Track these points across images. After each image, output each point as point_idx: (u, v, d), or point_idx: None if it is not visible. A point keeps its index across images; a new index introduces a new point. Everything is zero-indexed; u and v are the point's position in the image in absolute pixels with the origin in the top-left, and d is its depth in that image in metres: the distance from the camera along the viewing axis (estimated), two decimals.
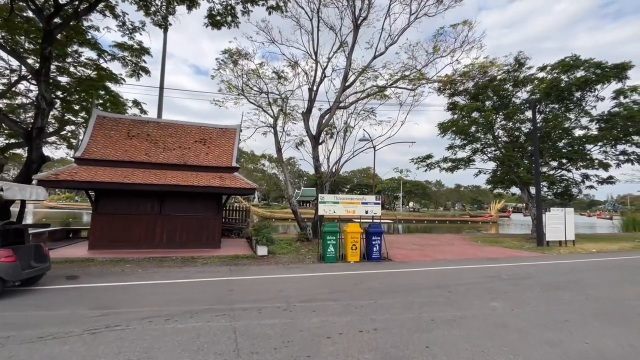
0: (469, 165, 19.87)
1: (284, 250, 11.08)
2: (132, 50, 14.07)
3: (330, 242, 9.47)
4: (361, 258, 9.74)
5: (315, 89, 14.08)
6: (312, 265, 8.78)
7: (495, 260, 10.28)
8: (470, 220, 44.38)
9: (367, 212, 10.29)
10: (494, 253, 11.79)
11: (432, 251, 11.85)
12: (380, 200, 10.44)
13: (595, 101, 16.65)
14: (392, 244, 13.17)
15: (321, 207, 10.01)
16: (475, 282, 7.06)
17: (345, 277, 7.38)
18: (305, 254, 10.52)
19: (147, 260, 8.93)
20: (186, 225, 10.46)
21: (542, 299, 5.78)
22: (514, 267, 9.04)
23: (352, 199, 10.28)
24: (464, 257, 10.74)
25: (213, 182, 9.85)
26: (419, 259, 10.18)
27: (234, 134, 11.90)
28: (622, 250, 13.53)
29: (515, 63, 18.68)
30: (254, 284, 6.56)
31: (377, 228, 9.84)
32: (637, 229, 27.65)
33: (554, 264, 9.71)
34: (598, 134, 16.07)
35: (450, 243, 14.71)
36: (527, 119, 18.90)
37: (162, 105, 15.18)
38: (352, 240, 9.57)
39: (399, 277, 7.46)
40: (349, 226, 9.73)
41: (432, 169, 20.70)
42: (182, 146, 10.95)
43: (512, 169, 18.27)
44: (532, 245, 14.07)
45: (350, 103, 14.22)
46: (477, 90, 19.05)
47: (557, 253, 12.26)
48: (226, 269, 7.92)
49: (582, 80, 15.31)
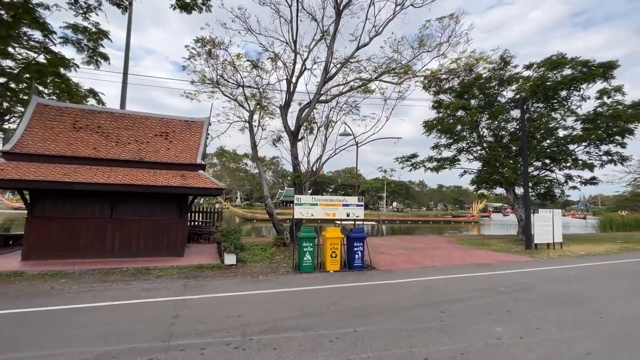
0: (455, 165, 19.23)
1: (257, 257, 9.88)
2: (89, 34, 12.46)
3: (307, 249, 8.35)
4: (342, 267, 8.67)
5: (295, 81, 12.95)
6: (285, 277, 7.62)
7: (486, 267, 9.44)
8: (453, 221, 44.36)
9: (348, 215, 9.24)
10: (483, 258, 11.00)
11: (418, 256, 10.93)
12: (363, 201, 9.41)
13: (580, 100, 16.32)
14: (376, 248, 12.21)
15: (297, 209, 8.88)
16: (470, 296, 6.11)
17: (321, 294, 6.26)
18: (279, 262, 9.35)
19: (91, 273, 7.52)
20: (143, 230, 9.08)
21: (552, 320, 4.86)
22: (508, 276, 8.20)
23: (331, 201, 9.20)
24: (452, 262, 9.86)
25: (173, 181, 8.52)
26: (405, 266, 9.20)
27: (200, 128, 10.57)
28: (610, 252, 13.09)
29: (501, 61, 18.18)
30: (208, 305, 5.33)
31: (360, 233, 8.80)
32: (614, 228, 28.05)
33: (549, 271, 8.95)
34: (583, 134, 15.69)
35: (437, 246, 13.89)
36: (513, 118, 18.46)
37: (126, 95, 13.62)
38: (331, 246, 8.48)
39: (383, 292, 6.41)
40: (327, 231, 8.65)
41: (417, 169, 19.96)
42: (139, 140, 9.54)
43: (497, 169, 17.73)
44: (519, 247, 13.45)
45: (332, 97, 13.15)
46: (462, 88, 18.44)
47: (547, 257, 11.62)
48: (181, 284, 6.64)
49: (570, 78, 14.88)
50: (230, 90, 13.54)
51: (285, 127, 12.49)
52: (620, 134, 15.65)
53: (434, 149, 19.86)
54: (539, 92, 15.36)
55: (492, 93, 18.23)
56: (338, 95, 13.16)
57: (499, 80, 17.89)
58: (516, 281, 7.54)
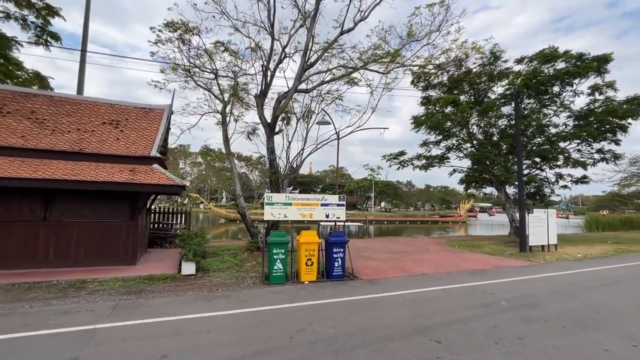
0: (444, 163, 18.30)
1: (224, 265, 8.52)
2: (36, 10, 10.83)
3: (278, 256, 7.05)
4: (319, 276, 7.43)
5: (273, 68, 11.62)
6: (248, 291, 6.30)
7: (481, 274, 8.36)
8: (440, 221, 43.80)
9: (327, 216, 7.99)
10: (476, 262, 9.95)
11: (407, 261, 9.79)
12: (344, 200, 8.18)
13: (573, 96, 15.59)
14: (360, 252, 11.01)
15: (268, 209, 7.57)
16: (469, 316, 4.95)
17: (287, 316, 4.98)
18: (248, 271, 8.03)
19: (8, 288, 6.04)
20: (85, 234, 7.60)
21: (577, 351, 3.73)
22: (508, 286, 7.10)
23: (308, 200, 7.93)
24: (444, 269, 8.74)
25: (118, 177, 7.08)
26: (392, 274, 8.01)
27: (160, 117, 9.13)
28: (606, 255, 12.29)
29: (491, 56, 17.34)
30: (126, 339, 3.97)
31: (340, 237, 7.56)
32: (599, 228, 27.82)
33: (551, 279, 7.92)
34: (576, 130, 14.92)
35: (426, 249, 12.81)
36: (504, 115, 17.64)
37: (84, 80, 12.00)
38: (306, 253, 7.22)
39: (365, 312, 5.18)
40: (302, 235, 7.38)
41: (405, 167, 18.95)
42: (82, 128, 8.03)
43: (488, 167, 16.86)
44: (513, 250, 12.50)
45: (313, 86, 11.89)
46: (452, 83, 17.52)
47: (544, 261, 10.68)
48: (111, 304, 5.24)
49: (564, 71, 14.07)
50: (205, 81, 12.14)
51: (260, 118, 11.16)
52: (612, 131, 14.97)
53: (422, 146, 18.91)
54: (531, 87, 14.50)
55: (483, 88, 17.37)
56: (320, 84, 11.91)
57: (488, 75, 17.04)
58: (519, 293, 6.45)
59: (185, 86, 12.51)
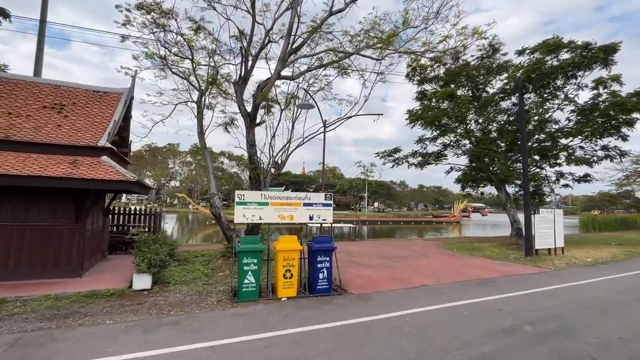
0: (441, 160, 17.18)
1: (191, 275, 7.18)
2: None
3: (249, 267, 5.74)
4: (301, 290, 6.14)
5: (255, 53, 10.31)
6: (207, 315, 4.96)
7: (490, 284, 7.16)
8: (434, 221, 42.87)
9: (311, 218, 6.69)
10: (481, 269, 8.76)
11: (403, 268, 8.55)
12: (331, 199, 6.90)
13: (577, 90, 14.57)
14: (351, 257, 9.75)
15: (239, 210, 6.24)
16: (493, 351, 3.70)
17: (247, 357, 3.66)
18: (217, 283, 6.70)
19: None
20: (15, 241, 6.17)
21: None
22: (525, 301, 5.90)
23: (288, 199, 6.62)
24: (447, 278, 7.52)
25: (52, 170, 5.68)
26: (387, 286, 6.75)
27: (116, 102, 7.72)
28: (617, 258, 11.24)
29: (489, 48, 16.29)
30: None
31: (325, 243, 6.27)
32: (596, 228, 27.07)
33: (572, 290, 6.76)
34: (580, 126, 13.89)
35: (424, 253, 11.60)
36: (504, 110, 16.60)
37: (42, 60, 10.49)
38: (285, 263, 5.92)
39: (353, 349, 3.89)
40: (280, 241, 6.08)
41: (399, 165, 17.76)
42: (14, 112, 6.60)
43: (487, 165, 15.78)
44: (517, 254, 11.38)
45: (299, 73, 10.59)
46: (449, 76, 16.41)
47: (554, 266, 9.55)
48: (11, 339, 3.86)
49: (569, 62, 13.03)
50: (182, 69, 10.75)
51: (240, 107, 9.80)
52: (617, 127, 13.96)
53: (418, 143, 17.77)
54: (533, 80, 13.43)
55: (481, 82, 16.30)
56: (306, 71, 10.62)
57: (487, 69, 15.96)
58: (542, 312, 5.23)
59: (161, 75, 11.09)
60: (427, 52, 12.14)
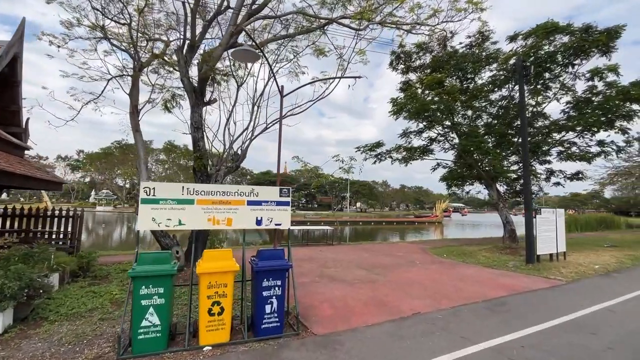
0: (427, 155, 15.51)
1: (90, 303, 4.98)
2: None
3: (151, 301, 3.60)
4: (237, 328, 4.07)
5: (209, 19, 8.16)
6: None
7: (501, 308, 5.33)
8: (417, 221, 41.70)
9: (260, 222, 4.61)
10: (482, 283, 6.97)
11: (388, 285, 6.61)
12: (289, 195, 4.85)
13: (573, 79, 13.25)
14: (325, 269, 7.76)
15: (146, 211, 4.08)
16: None
17: None
18: (117, 320, 4.49)
19: None
20: None
21: None
22: (559, 340, 4.06)
23: (225, 195, 4.51)
24: (445, 299, 5.64)
25: None
26: (366, 317, 4.77)
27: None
28: (624, 265, 9.80)
29: (479, 36, 14.80)
30: None
31: (276, 260, 4.21)
32: (579, 229, 26.40)
33: (611, 316, 5.01)
34: (580, 118, 12.51)
35: (410, 260, 9.77)
36: (493, 102, 15.16)
37: None
38: (211, 292, 3.82)
39: None
40: (204, 259, 3.99)
41: (382, 160, 15.95)
42: None
43: (477, 160, 14.23)
44: (516, 260, 9.76)
45: (263, 42, 8.49)
46: (436, 64, 14.78)
47: (562, 276, 7.93)
48: None
49: (569, 46, 11.59)
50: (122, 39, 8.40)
51: (183, 81, 7.59)
52: (609, 123, 12.67)
53: (402, 137, 16.03)
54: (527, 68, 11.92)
55: (470, 70, 14.75)
56: (270, 40, 8.55)
57: (475, 59, 14.42)
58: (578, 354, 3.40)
59: (95, 46, 8.67)
60: (415, 28, 10.30)
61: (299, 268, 8.13)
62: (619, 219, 29.78)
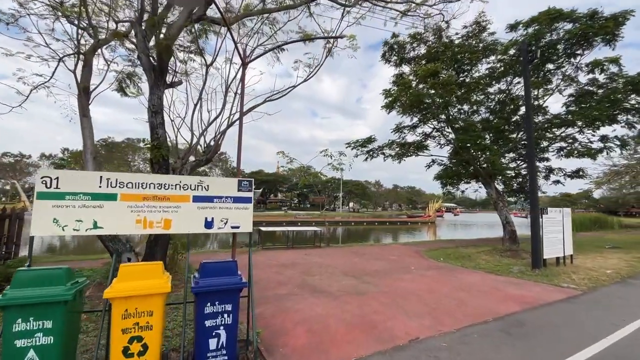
0: (422, 151, 14.54)
1: None
2: None
3: (34, 342, 2.43)
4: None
5: None
6: None
7: (518, 330, 4.28)
8: (410, 221, 40.88)
9: (210, 223, 3.47)
10: (488, 294, 5.94)
11: (380, 298, 5.53)
12: (251, 188, 3.72)
13: (575, 71, 12.41)
14: (308, 277, 6.66)
15: (43, 208, 2.91)
16: None
17: None
18: None
19: None
20: None
21: None
22: None
23: (163, 187, 3.36)
24: (448, 318, 4.58)
25: None
26: (350, 348, 3.66)
27: None
28: (636, 270, 8.91)
29: (476, 26, 13.89)
30: None
31: (226, 277, 3.06)
32: (575, 229, 25.72)
33: (633, 341, 4.00)
34: (585, 111, 11.66)
35: (405, 265, 8.72)
36: (490, 96, 14.29)
37: None
38: (129, 324, 2.66)
39: None
40: (118, 278, 2.82)
41: (374, 157, 14.95)
42: None
43: (474, 157, 13.30)
44: (518, 264, 8.80)
45: (238, 17, 7.34)
46: (431, 55, 13.82)
47: (574, 283, 6.97)
48: None
49: (575, 32, 10.70)
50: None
51: (140, 58, 6.39)
52: (613, 117, 11.87)
53: (396, 132, 15.04)
54: (535, 50, 11.01)
55: (466, 62, 13.82)
56: (246, 16, 7.41)
57: (472, 50, 13.49)
58: None
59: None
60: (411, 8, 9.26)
61: (278, 276, 7.00)
62: (612, 219, 29.34)
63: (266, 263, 8.56)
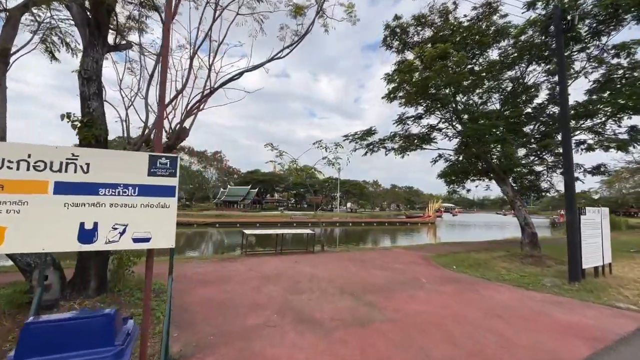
0: (428, 143, 12.97)
1: None
2: None
3: None
4: None
5: None
6: None
7: None
8: (409, 222, 39.35)
9: (91, 233, 1.84)
10: (532, 322, 4.36)
11: (387, 332, 3.93)
12: (175, 171, 2.10)
13: (602, 54, 10.90)
14: (294, 296, 5.01)
15: None
16: None
17: None
18: None
19: None
20: None
21: None
22: None
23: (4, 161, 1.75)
24: None
25: None
26: None
27: None
28: None
29: (486, 8, 12.34)
30: None
31: (78, 351, 1.45)
32: None
33: None
34: (615, 96, 10.15)
35: (413, 276, 7.12)
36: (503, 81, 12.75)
37: None
38: None
39: None
40: None
41: (374, 151, 13.36)
42: None
43: (487, 150, 11.75)
44: (553, 275, 7.23)
45: None
46: (437, 37, 12.27)
47: (628, 300, 5.41)
48: None
49: (607, 3, 9.18)
50: None
51: (70, 8, 4.76)
52: None
53: (398, 123, 13.46)
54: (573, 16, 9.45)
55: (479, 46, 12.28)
56: None
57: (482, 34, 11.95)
58: None
59: None
60: None
61: (255, 294, 5.37)
62: (619, 220, 28.00)
63: (245, 275, 6.92)
